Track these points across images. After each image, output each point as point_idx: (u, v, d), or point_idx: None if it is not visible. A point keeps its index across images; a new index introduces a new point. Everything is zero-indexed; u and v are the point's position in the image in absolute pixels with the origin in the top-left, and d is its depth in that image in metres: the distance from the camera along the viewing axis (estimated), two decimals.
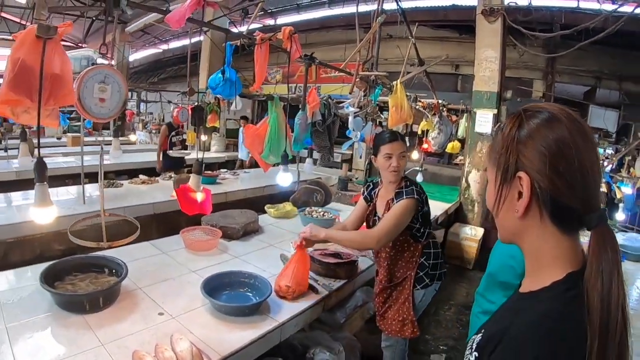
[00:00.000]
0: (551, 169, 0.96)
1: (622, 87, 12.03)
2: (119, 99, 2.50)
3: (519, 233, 1.07)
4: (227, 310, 2.58)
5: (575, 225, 1.00)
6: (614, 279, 0.87)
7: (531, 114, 1.04)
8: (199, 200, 3.11)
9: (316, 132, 4.77)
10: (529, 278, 1.08)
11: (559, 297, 0.94)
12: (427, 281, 3.23)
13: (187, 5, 2.65)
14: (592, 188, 0.97)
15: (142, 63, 21.15)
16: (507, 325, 0.97)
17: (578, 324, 0.86)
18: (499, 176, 1.06)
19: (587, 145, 0.97)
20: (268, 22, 14.58)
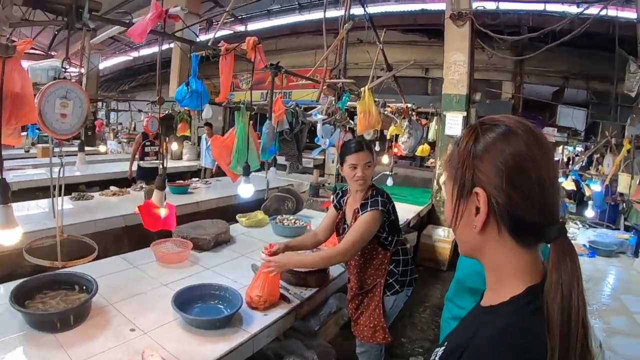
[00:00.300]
0: (508, 184, 0.94)
1: (590, 86, 12.27)
2: (81, 115, 2.47)
3: (478, 248, 1.06)
4: (198, 324, 2.56)
5: (534, 239, 0.99)
6: (574, 290, 0.87)
7: (487, 127, 1.02)
8: (163, 216, 3.07)
9: (284, 141, 4.77)
10: (490, 292, 1.07)
11: (518, 312, 0.93)
12: (397, 287, 3.24)
13: (148, 19, 2.61)
14: (551, 201, 0.96)
15: (112, 71, 20.93)
16: (469, 339, 0.97)
17: (538, 337, 0.86)
18: (456, 191, 1.05)
19: (544, 158, 0.97)
20: (238, 28, 14.53)
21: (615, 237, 5.58)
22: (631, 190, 5.18)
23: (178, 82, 10.81)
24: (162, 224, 3.10)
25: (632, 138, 5.54)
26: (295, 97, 11.18)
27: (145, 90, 18.98)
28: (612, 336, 2.96)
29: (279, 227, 4.68)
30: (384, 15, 11.86)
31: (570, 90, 12.60)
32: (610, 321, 3.20)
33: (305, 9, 12.91)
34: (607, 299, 3.73)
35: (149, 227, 3.08)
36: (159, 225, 3.09)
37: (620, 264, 4.79)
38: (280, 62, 4.02)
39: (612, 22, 7.55)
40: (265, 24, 14.39)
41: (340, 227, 3.42)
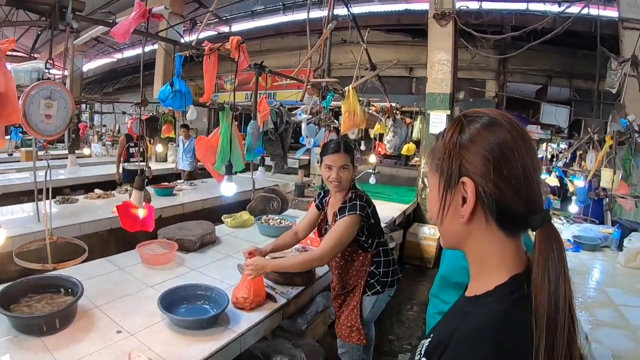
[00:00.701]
0: (495, 173, 0.95)
1: (572, 84, 12.40)
2: (66, 115, 2.46)
3: (464, 238, 1.06)
4: (185, 325, 2.54)
5: (519, 228, 1.00)
6: (561, 276, 0.88)
7: (471, 119, 1.03)
8: (141, 217, 3.05)
9: (269, 141, 4.75)
10: (474, 282, 1.07)
11: (503, 300, 0.93)
12: (378, 288, 3.25)
13: (132, 19, 2.60)
14: (535, 190, 0.97)
15: (96, 73, 20.83)
16: (454, 329, 0.97)
17: (523, 324, 0.86)
18: (442, 182, 1.04)
19: (527, 148, 0.98)
20: (222, 29, 14.51)
21: (599, 231, 5.63)
22: (614, 185, 5.24)
23: (162, 84, 10.73)
24: (141, 225, 3.06)
25: (614, 134, 5.59)
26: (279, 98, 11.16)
27: (129, 92, 18.86)
28: (598, 328, 2.97)
29: (264, 228, 4.67)
30: (368, 16, 11.91)
31: (553, 88, 12.73)
32: (595, 313, 3.22)
33: (289, 9, 12.93)
34: (592, 292, 3.76)
35: (127, 228, 3.05)
36: (137, 226, 3.06)
37: (604, 258, 4.82)
38: (264, 62, 4.02)
39: (594, 20, 7.65)
40: (249, 25, 14.40)
41: (322, 227, 3.43)
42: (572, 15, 6.65)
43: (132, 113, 10.59)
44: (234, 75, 3.54)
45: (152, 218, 3.09)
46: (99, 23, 3.02)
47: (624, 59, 6.50)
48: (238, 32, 14.22)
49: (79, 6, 2.46)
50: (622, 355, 2.63)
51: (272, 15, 13.73)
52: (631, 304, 3.47)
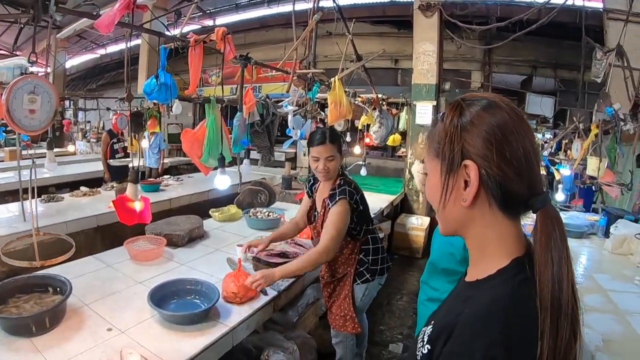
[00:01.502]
0: (498, 155, 0.95)
1: (557, 74, 12.48)
2: (50, 110, 2.43)
3: (466, 223, 1.05)
4: (176, 320, 2.53)
5: (520, 210, 1.00)
6: (563, 256, 0.88)
7: (470, 102, 1.04)
8: (138, 210, 3.03)
9: (255, 133, 4.73)
10: (475, 267, 1.07)
11: (507, 282, 0.94)
12: (368, 276, 3.30)
13: (116, 10, 2.57)
14: (535, 171, 0.98)
15: (79, 69, 20.59)
16: (458, 314, 0.96)
17: (529, 305, 0.87)
18: (444, 167, 1.04)
19: (526, 130, 0.98)
20: (207, 22, 14.41)
21: (585, 219, 5.69)
22: (600, 173, 5.27)
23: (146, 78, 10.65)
24: (138, 218, 3.05)
25: (599, 123, 5.62)
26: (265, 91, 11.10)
27: (113, 88, 18.67)
28: (587, 313, 3.03)
29: (252, 221, 4.66)
30: (354, 7, 11.87)
31: (538, 78, 12.77)
32: (584, 299, 3.28)
33: (274, 2, 12.85)
34: (581, 278, 3.82)
35: (125, 222, 3.04)
36: (135, 219, 3.05)
37: (591, 245, 4.91)
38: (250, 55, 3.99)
39: (579, 11, 7.67)
40: (233, 18, 14.30)
41: (311, 214, 3.50)
42: (557, 6, 6.68)
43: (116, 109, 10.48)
44: (218, 69, 3.52)
45: (148, 210, 3.10)
46: (83, 15, 2.99)
47: (608, 49, 6.54)
48: (222, 25, 13.97)
49: None
50: (611, 339, 2.69)
51: (256, 7, 13.64)
52: (619, 289, 3.55)
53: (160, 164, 9.50)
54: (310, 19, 4.99)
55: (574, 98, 10.95)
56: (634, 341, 2.70)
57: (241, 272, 2.92)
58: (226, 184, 3.63)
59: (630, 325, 2.90)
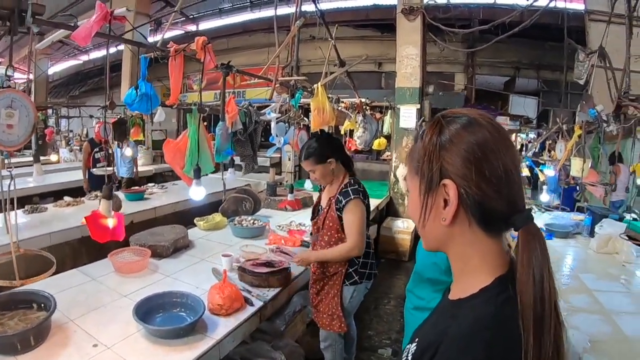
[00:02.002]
0: (477, 174, 0.94)
1: (540, 75, 12.62)
2: (28, 124, 2.39)
3: (446, 241, 1.05)
4: (161, 334, 2.50)
5: (502, 228, 0.99)
6: (545, 274, 0.87)
7: (450, 119, 1.02)
8: (111, 227, 2.98)
9: (238, 141, 4.71)
10: (458, 285, 1.07)
11: (490, 302, 0.93)
12: (357, 278, 3.35)
13: (93, 22, 2.54)
14: (516, 189, 0.97)
15: (62, 76, 20.42)
16: (442, 333, 0.95)
17: (512, 325, 0.86)
18: (423, 185, 1.03)
19: (507, 147, 0.97)
20: (190, 27, 14.39)
21: (570, 219, 5.74)
22: (584, 173, 5.31)
23: (129, 85, 10.56)
24: (111, 235, 2.99)
25: (582, 124, 5.67)
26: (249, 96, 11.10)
27: (97, 94, 18.51)
28: (574, 314, 3.05)
29: (237, 229, 4.63)
30: (337, 11, 11.92)
31: (521, 79, 12.91)
32: (570, 300, 3.30)
33: (256, 6, 12.87)
34: (566, 278, 3.85)
35: (97, 239, 2.97)
36: (107, 236, 2.98)
37: (577, 245, 4.95)
38: (233, 60, 3.97)
39: (561, 13, 7.74)
40: (217, 23, 14.32)
41: (315, 209, 3.62)
42: (539, 9, 6.72)
43: (99, 116, 10.38)
44: (202, 75, 3.49)
45: (122, 227, 3.02)
46: (60, 26, 2.94)
47: (591, 51, 6.60)
48: (206, 30, 14.14)
49: (38, 10, 2.40)
50: (599, 339, 2.70)
51: (239, 12, 13.66)
52: (605, 289, 3.58)
53: (134, 173, 9.11)
54: (293, 24, 4.98)
55: (556, 99, 11.06)
56: (621, 341, 2.71)
57: (226, 283, 2.89)
58: (201, 196, 3.61)
59: (617, 325, 2.91)
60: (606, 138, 5.65)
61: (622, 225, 4.79)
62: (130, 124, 8.49)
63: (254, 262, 3.47)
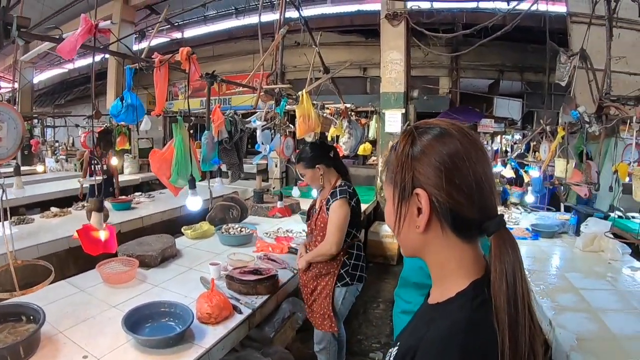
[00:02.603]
0: (447, 183, 0.97)
1: (524, 77, 12.74)
2: (17, 137, 2.39)
3: (422, 247, 1.07)
4: (151, 344, 2.50)
5: (475, 233, 1.02)
6: (518, 278, 0.90)
7: (422, 130, 1.05)
8: (103, 239, 2.97)
9: (224, 150, 4.70)
10: (436, 289, 1.10)
11: (466, 306, 0.95)
12: (348, 280, 3.43)
13: (78, 35, 2.53)
14: (488, 196, 1.00)
15: (47, 85, 20.30)
16: (419, 338, 0.98)
17: (487, 329, 0.88)
18: (396, 194, 1.06)
19: (479, 156, 1.00)
20: (175, 35, 14.36)
21: (555, 218, 5.80)
22: (567, 174, 5.37)
23: (115, 94, 10.56)
24: (103, 247, 2.98)
25: (565, 125, 5.72)
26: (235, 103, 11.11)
27: (82, 103, 18.48)
28: (560, 313, 3.09)
29: (225, 237, 4.63)
30: (321, 18, 11.95)
31: (505, 82, 13.02)
32: (557, 299, 3.36)
33: (241, 13, 12.85)
34: (553, 278, 3.90)
35: (89, 252, 2.96)
36: (100, 249, 2.97)
37: (563, 244, 5.03)
38: (218, 68, 3.99)
39: (543, 16, 7.82)
40: (202, 30, 14.30)
41: (310, 212, 3.74)
42: (521, 12, 6.79)
43: (85, 126, 10.32)
44: (187, 85, 3.49)
45: (114, 239, 3.01)
46: (45, 39, 2.93)
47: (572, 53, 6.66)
48: (191, 38, 14.12)
49: (23, 22, 2.40)
50: (586, 338, 2.74)
51: (224, 19, 13.64)
52: (591, 287, 3.64)
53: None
54: (277, 32, 4.99)
55: (540, 100, 11.16)
56: (608, 339, 2.75)
57: (214, 292, 2.91)
58: (198, 206, 3.60)
59: (603, 323, 2.96)
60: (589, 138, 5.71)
61: (607, 223, 4.85)
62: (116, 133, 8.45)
63: (241, 270, 3.48)
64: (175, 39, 14.04)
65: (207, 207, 5.07)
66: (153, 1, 11.57)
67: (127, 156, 10.80)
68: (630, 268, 4.06)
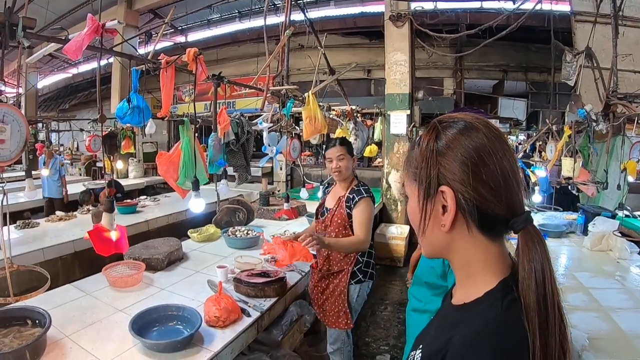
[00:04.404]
0: (474, 179, 0.94)
1: (528, 77, 12.70)
2: (20, 139, 2.37)
3: (447, 247, 1.04)
4: (159, 348, 2.47)
5: (501, 231, 0.99)
6: (547, 276, 0.87)
7: (447, 124, 1.02)
8: (114, 239, 2.96)
9: (231, 152, 4.69)
10: (462, 289, 1.06)
11: (496, 306, 0.92)
12: (360, 277, 3.43)
13: (84, 35, 2.52)
14: (515, 192, 0.96)
15: (51, 89, 20.39)
16: (447, 341, 0.94)
17: (518, 330, 0.86)
18: (421, 192, 1.02)
19: (505, 151, 0.97)
20: (179, 39, 14.38)
21: (563, 218, 5.77)
22: (575, 173, 5.35)
23: (119, 98, 10.57)
24: (115, 247, 2.98)
25: (571, 124, 5.70)
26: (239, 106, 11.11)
27: (86, 107, 18.51)
28: (572, 312, 3.06)
29: (231, 240, 4.61)
30: (325, 20, 11.94)
31: (509, 82, 13.00)
32: (568, 298, 3.32)
33: (245, 17, 12.87)
34: (562, 278, 3.88)
35: (101, 252, 2.96)
36: (111, 249, 2.97)
37: (570, 244, 4.99)
38: (222, 71, 3.96)
39: (547, 15, 7.81)
40: (205, 34, 14.33)
41: (319, 211, 3.72)
42: (525, 12, 6.78)
43: (90, 130, 10.34)
44: (192, 86, 3.47)
45: (125, 239, 3.02)
46: (51, 40, 2.92)
47: (578, 51, 6.65)
48: (194, 41, 14.15)
49: (29, 23, 2.39)
50: (597, 337, 2.71)
51: (228, 23, 13.67)
52: (600, 286, 3.61)
53: (64, 193, 8.02)
54: (282, 34, 4.98)
55: (545, 100, 11.15)
56: (620, 338, 2.73)
57: (222, 295, 2.89)
58: (201, 208, 3.59)
59: (614, 321, 2.93)
60: (596, 137, 5.69)
61: (615, 222, 4.82)
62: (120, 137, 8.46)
63: (249, 272, 3.46)
64: (179, 43, 14.05)
65: (214, 210, 5.07)
66: (156, 5, 11.60)
67: (131, 160, 10.82)
68: (638, 267, 4.04)
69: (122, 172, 10.75)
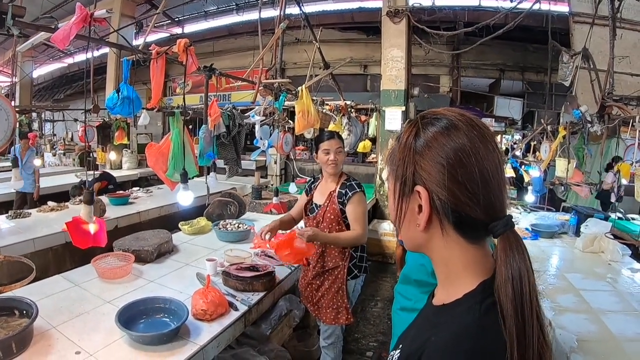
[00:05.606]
0: (450, 180, 0.90)
1: (525, 77, 12.73)
2: (7, 128, 2.35)
3: (424, 244, 1.01)
4: (145, 340, 2.46)
5: (481, 234, 0.95)
6: (525, 284, 0.85)
7: (428, 121, 0.99)
8: (92, 232, 2.93)
9: (222, 145, 4.66)
10: (442, 289, 1.03)
11: (474, 309, 0.89)
12: (356, 272, 3.47)
13: (72, 24, 2.49)
14: (496, 196, 0.92)
15: (46, 79, 20.27)
16: (425, 341, 0.93)
17: (495, 335, 0.83)
18: (397, 189, 1.01)
19: (488, 152, 0.93)
20: (175, 30, 14.34)
21: (555, 219, 5.77)
22: (568, 174, 5.35)
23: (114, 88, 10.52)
24: (92, 241, 2.94)
25: (566, 125, 5.71)
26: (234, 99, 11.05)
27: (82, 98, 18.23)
28: (561, 314, 3.07)
29: (222, 233, 4.60)
30: (322, 14, 11.92)
31: (506, 81, 13.00)
32: (557, 299, 3.33)
33: (242, 9, 12.83)
34: (553, 278, 3.88)
35: (78, 245, 2.93)
36: (89, 242, 2.94)
37: (562, 244, 5.00)
38: (218, 63, 3.96)
39: (545, 15, 7.80)
40: (202, 26, 14.29)
41: (308, 207, 3.69)
42: (523, 11, 6.78)
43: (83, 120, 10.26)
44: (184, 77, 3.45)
45: (103, 232, 2.98)
46: (40, 29, 2.89)
47: (575, 52, 6.65)
48: (191, 33, 14.13)
49: (19, 12, 2.36)
50: (586, 338, 2.71)
51: (225, 15, 13.64)
52: (591, 288, 3.62)
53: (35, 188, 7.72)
54: (277, 27, 4.96)
55: (541, 100, 11.16)
56: (609, 340, 2.73)
57: (210, 288, 2.87)
58: (189, 200, 3.56)
59: (603, 324, 2.93)
60: (590, 138, 5.69)
61: (607, 224, 4.83)
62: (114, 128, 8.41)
63: (238, 266, 3.45)
64: (175, 34, 14.01)
65: (205, 202, 5.04)
66: None
67: (125, 151, 10.77)
68: (630, 269, 4.05)
69: (115, 164, 10.71)
